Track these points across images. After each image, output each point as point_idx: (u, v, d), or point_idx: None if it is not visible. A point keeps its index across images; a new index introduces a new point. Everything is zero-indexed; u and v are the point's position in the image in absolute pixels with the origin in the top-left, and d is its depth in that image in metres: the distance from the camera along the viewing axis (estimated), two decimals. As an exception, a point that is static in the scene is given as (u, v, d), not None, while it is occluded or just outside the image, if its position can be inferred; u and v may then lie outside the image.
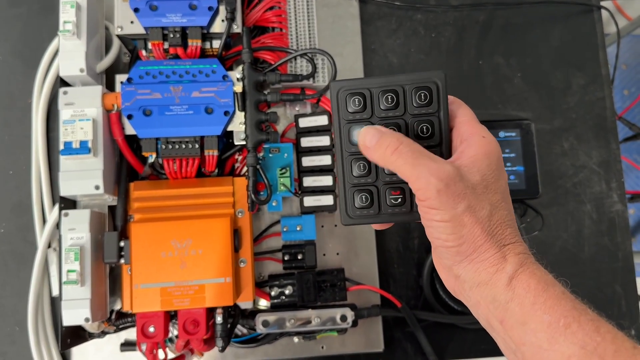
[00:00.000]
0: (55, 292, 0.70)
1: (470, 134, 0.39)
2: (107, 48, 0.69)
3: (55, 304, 0.70)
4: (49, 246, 0.70)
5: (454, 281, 0.40)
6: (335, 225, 0.74)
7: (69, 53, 0.63)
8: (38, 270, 0.68)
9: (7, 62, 0.77)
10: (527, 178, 0.76)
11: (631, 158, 1.76)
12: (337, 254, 0.74)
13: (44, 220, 0.72)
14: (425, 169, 0.36)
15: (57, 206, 0.65)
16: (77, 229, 0.62)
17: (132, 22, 0.67)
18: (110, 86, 0.69)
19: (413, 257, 0.77)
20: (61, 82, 0.64)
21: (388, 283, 0.76)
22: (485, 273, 0.37)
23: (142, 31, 0.67)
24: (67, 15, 0.63)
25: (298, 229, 0.71)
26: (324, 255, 0.73)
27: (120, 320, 0.67)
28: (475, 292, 0.38)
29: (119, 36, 0.69)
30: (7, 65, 0.77)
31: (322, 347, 0.72)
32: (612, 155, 0.82)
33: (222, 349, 0.63)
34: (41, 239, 0.69)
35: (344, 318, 0.66)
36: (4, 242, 0.74)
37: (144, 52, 0.70)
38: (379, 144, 0.38)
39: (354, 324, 0.68)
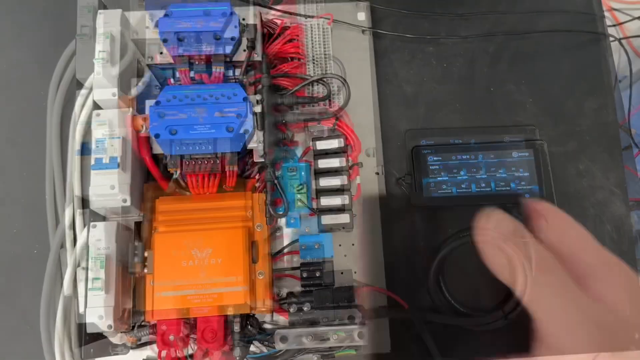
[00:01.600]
0: (67, 292, 0.70)
1: None
2: (138, 75, 0.75)
3: (68, 304, 0.70)
4: (78, 265, 0.72)
5: None
6: (353, 244, 0.76)
7: (102, 79, 0.69)
8: (51, 271, 0.70)
9: (22, 65, 0.81)
10: (543, 197, 0.77)
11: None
12: (355, 272, 0.75)
13: (57, 222, 0.74)
14: None
15: (70, 207, 0.68)
16: (104, 240, 0.65)
17: (161, 52, 0.73)
18: (139, 110, 0.74)
19: (418, 260, 0.77)
20: (94, 105, 0.69)
21: (394, 285, 0.76)
22: None
23: (170, 60, 0.73)
24: (101, 45, 0.68)
25: (316, 247, 0.73)
26: (342, 273, 0.74)
27: (140, 330, 0.68)
28: None
29: (149, 65, 0.74)
30: (22, 68, 0.81)
31: (340, 365, 0.71)
32: (630, 176, 0.82)
33: (240, 359, 0.64)
34: (54, 240, 0.72)
35: (351, 318, 0.67)
36: (17, 242, 0.76)
37: (172, 81, 0.75)
38: None
39: (362, 324, 0.68)
